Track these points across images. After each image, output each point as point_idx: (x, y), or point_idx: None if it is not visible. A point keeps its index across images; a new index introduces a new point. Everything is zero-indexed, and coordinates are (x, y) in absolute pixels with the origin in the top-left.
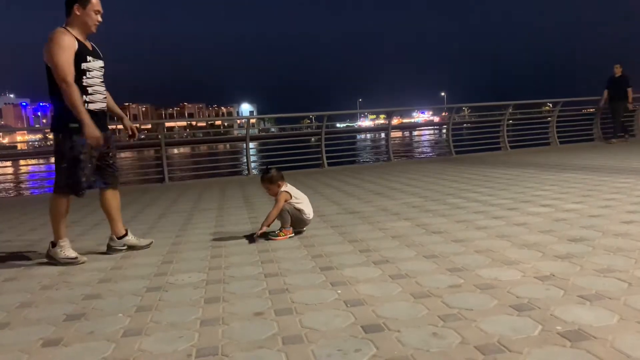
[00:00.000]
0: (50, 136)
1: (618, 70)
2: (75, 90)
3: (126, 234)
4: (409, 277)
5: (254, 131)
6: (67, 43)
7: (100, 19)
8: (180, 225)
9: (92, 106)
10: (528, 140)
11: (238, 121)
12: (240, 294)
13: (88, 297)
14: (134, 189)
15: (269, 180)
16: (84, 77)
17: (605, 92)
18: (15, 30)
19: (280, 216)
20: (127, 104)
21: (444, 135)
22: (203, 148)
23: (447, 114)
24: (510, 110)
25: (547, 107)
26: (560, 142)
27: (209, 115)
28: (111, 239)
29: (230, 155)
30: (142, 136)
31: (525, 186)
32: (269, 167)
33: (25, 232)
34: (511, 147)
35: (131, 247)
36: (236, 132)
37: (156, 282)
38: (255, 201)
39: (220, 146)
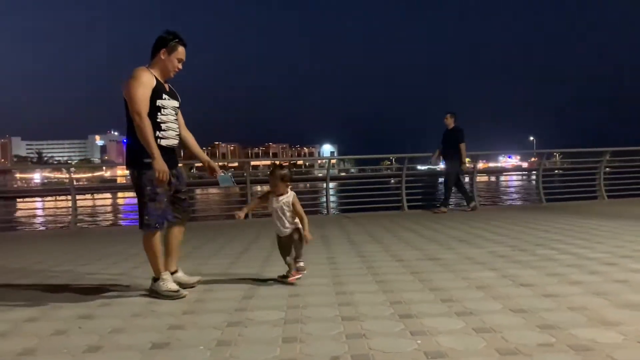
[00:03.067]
0: None
1: (450, 122)
2: (147, 124)
3: (177, 271)
4: (494, 332)
5: (334, 171)
6: (146, 79)
7: (180, 66)
8: (261, 261)
9: (164, 142)
10: (629, 189)
11: (319, 161)
12: (317, 336)
13: (172, 327)
14: (220, 223)
15: (285, 178)
16: (159, 113)
17: (438, 149)
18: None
19: (295, 245)
20: (217, 143)
21: (534, 181)
22: None
23: (537, 159)
24: (608, 157)
25: None
26: None
27: (291, 155)
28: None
29: (310, 194)
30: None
31: (626, 240)
32: (281, 164)
33: (120, 261)
34: (609, 197)
35: (181, 285)
36: (317, 172)
37: (237, 317)
38: (333, 241)
39: (301, 185)
